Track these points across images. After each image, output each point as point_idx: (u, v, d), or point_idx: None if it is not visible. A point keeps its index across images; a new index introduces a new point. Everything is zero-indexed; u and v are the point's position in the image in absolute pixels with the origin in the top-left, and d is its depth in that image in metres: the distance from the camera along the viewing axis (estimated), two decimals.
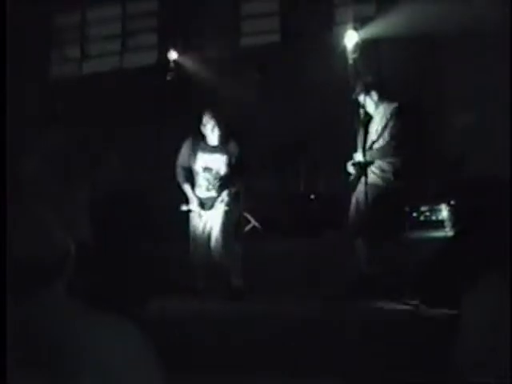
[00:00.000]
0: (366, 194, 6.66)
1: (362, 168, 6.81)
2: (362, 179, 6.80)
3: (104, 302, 2.12)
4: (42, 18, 12.17)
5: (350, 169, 7.00)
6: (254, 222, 9.17)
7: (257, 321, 5.96)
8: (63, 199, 5.75)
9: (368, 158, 6.83)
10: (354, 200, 6.97)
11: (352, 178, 6.99)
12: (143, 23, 12.26)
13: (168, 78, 9.84)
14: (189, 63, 10.36)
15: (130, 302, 5.65)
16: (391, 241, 6.78)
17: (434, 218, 8.21)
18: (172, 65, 9.98)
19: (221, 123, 7.28)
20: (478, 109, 8.80)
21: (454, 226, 7.77)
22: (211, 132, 7.30)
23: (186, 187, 7.41)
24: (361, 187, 6.85)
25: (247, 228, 9.14)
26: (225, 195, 7.29)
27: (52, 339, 1.76)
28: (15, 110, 10.87)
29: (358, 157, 6.94)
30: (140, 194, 9.28)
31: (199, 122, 7.37)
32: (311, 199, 9.41)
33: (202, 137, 7.39)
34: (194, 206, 7.34)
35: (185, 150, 7.44)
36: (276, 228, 9.15)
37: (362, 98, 7.09)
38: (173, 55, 10.07)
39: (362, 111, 7.11)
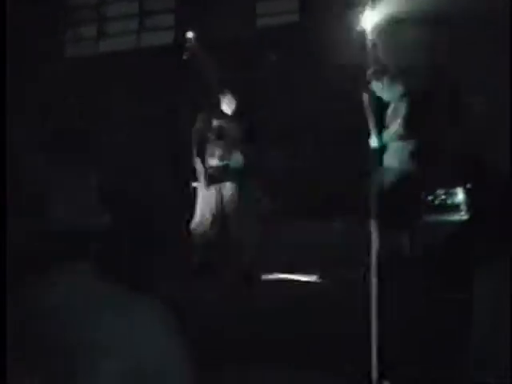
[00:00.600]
0: (381, 176, 6.65)
1: (377, 152, 6.79)
2: (377, 162, 6.78)
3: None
4: None
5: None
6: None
7: (267, 305, 5.96)
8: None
9: (383, 141, 6.80)
10: (369, 183, 6.95)
11: (367, 161, 6.96)
12: (160, 3, 12.24)
13: (184, 57, 9.82)
14: (205, 43, 10.33)
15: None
16: (406, 224, 6.76)
17: (449, 201, 8.16)
18: (189, 44, 9.95)
19: (237, 95, 7.29)
20: (494, 92, 8.72)
21: (469, 209, 7.73)
22: (228, 103, 7.32)
23: (197, 160, 7.37)
24: (376, 170, 6.82)
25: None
26: (238, 163, 7.27)
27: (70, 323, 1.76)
28: (29, 91, 10.95)
29: (373, 142, 6.91)
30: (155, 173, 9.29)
31: (216, 95, 7.39)
32: (325, 180, 9.40)
33: (217, 106, 7.40)
34: (201, 178, 7.28)
35: (200, 118, 7.43)
36: (288, 209, 9.12)
37: (374, 82, 7.06)
38: (189, 35, 10.03)
39: (374, 95, 7.08)
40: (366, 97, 7.21)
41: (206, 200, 7.34)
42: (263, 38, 10.55)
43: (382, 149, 6.77)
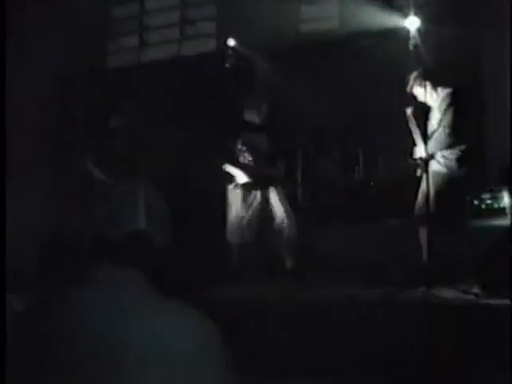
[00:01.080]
0: (428, 181, 6.61)
1: (424, 161, 6.75)
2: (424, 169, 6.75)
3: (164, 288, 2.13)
4: (100, 7, 12.28)
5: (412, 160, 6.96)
6: None
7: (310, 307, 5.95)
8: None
9: (429, 151, 6.74)
10: (421, 186, 6.92)
11: (415, 168, 6.94)
12: (202, 11, 12.29)
13: (226, 65, 9.88)
14: (247, 50, 10.36)
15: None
16: (453, 229, 6.71)
17: (495, 205, 8.07)
18: (230, 52, 10.01)
19: (271, 104, 7.28)
20: None
21: None
22: (261, 111, 7.30)
23: (238, 164, 7.34)
24: (424, 175, 6.79)
25: None
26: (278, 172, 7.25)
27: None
28: (67, 98, 11.08)
29: (420, 152, 6.87)
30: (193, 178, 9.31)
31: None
32: (371, 185, 9.38)
33: (251, 116, 7.38)
34: (242, 179, 7.24)
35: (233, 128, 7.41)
36: (336, 213, 9.11)
37: (416, 89, 7.03)
38: (231, 43, 10.09)
39: (417, 103, 7.06)
40: (409, 107, 7.20)
41: (244, 204, 7.30)
42: (306, 43, 10.53)
43: (429, 158, 6.72)
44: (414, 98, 7.12)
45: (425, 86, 6.95)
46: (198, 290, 6.23)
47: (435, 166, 6.75)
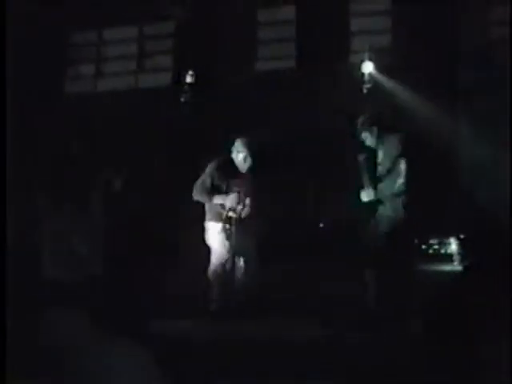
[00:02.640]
0: (375, 224, 6.66)
1: (372, 204, 6.79)
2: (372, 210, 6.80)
3: (116, 323, 2.13)
4: (59, 35, 12.25)
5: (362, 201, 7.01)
6: None
7: (257, 343, 5.97)
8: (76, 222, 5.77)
9: (378, 195, 6.80)
10: (367, 228, 6.97)
11: (361, 210, 6.99)
12: (159, 45, 12.34)
13: (182, 99, 9.93)
14: (203, 86, 10.41)
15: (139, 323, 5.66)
16: (400, 272, 6.77)
17: (442, 251, 8.21)
18: (186, 87, 10.06)
19: (252, 152, 7.37)
20: (486, 144, 8.82)
21: (462, 260, 7.78)
22: (243, 159, 7.38)
23: (217, 197, 7.40)
24: (371, 217, 6.85)
25: None
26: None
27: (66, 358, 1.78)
28: (28, 127, 11.01)
29: (368, 195, 6.93)
30: (150, 216, 9.32)
31: (226, 145, 7.44)
32: (320, 227, 9.45)
33: (230, 161, 7.45)
34: (232, 213, 7.35)
35: (211, 172, 7.44)
36: (285, 253, 9.15)
37: (363, 133, 7.07)
38: (188, 78, 10.15)
39: (365, 146, 7.12)
40: (360, 153, 7.27)
41: (223, 242, 7.37)
42: (261, 81, 10.63)
43: (377, 202, 6.77)
44: (362, 142, 7.16)
45: (371, 131, 6.95)
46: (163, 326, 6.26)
47: (382, 210, 6.79)
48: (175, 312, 6.90)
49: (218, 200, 7.36)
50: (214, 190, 7.39)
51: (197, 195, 7.41)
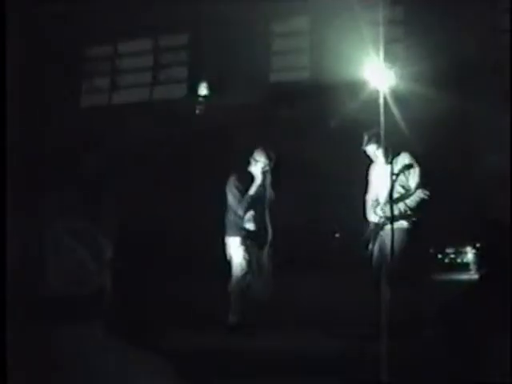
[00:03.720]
0: (392, 235, 6.64)
1: (388, 217, 6.78)
2: (388, 222, 6.78)
3: (134, 337, 2.14)
4: (75, 48, 12.33)
5: (374, 217, 7.01)
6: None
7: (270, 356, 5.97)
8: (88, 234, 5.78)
9: (394, 207, 6.78)
10: (380, 241, 6.97)
11: (378, 222, 6.98)
12: (174, 57, 12.40)
13: (197, 111, 9.98)
14: (218, 97, 10.46)
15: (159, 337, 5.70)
16: (416, 282, 6.76)
17: (459, 260, 8.19)
18: (201, 99, 10.11)
19: (270, 161, 7.39)
20: (501, 151, 8.79)
21: (479, 268, 7.75)
22: (261, 169, 7.39)
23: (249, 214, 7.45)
24: (387, 229, 6.83)
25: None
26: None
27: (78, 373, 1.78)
28: (44, 139, 11.07)
29: (381, 211, 6.93)
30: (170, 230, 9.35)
31: (243, 159, 7.47)
32: (336, 237, 9.45)
33: (249, 173, 7.48)
34: (240, 236, 7.42)
35: (235, 187, 7.47)
36: (300, 263, 9.15)
37: (369, 147, 7.05)
38: (202, 89, 10.20)
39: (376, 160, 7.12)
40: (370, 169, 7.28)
41: (243, 255, 7.40)
42: (276, 92, 10.65)
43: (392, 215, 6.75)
44: (368, 156, 7.13)
45: (379, 146, 6.89)
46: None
47: (398, 221, 6.78)
48: (194, 325, 6.93)
49: (239, 212, 7.40)
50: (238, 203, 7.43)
51: (239, 211, 7.45)
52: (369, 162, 7.25)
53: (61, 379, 1.77)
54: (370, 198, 7.18)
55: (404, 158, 6.95)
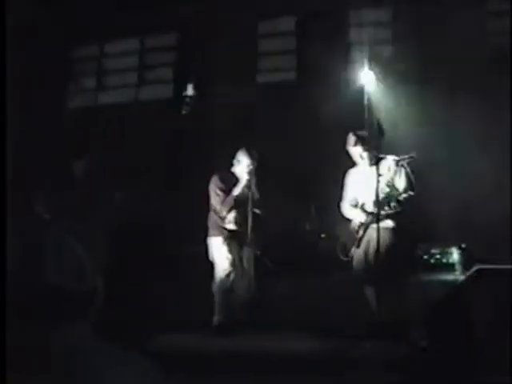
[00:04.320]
0: (377, 235, 6.66)
1: (375, 216, 6.79)
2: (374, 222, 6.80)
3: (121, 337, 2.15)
4: (60, 49, 12.27)
5: (360, 215, 7.02)
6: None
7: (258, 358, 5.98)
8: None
9: (378, 208, 6.78)
10: (365, 241, 6.99)
11: (364, 221, 7.00)
12: (160, 57, 12.37)
13: (183, 111, 9.95)
14: (204, 98, 10.43)
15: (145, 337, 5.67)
16: (402, 283, 6.78)
17: (444, 260, 8.21)
18: (188, 99, 10.08)
19: (254, 161, 7.39)
20: (486, 152, 8.83)
21: (464, 269, 7.78)
22: (245, 169, 7.38)
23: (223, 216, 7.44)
24: (372, 228, 6.85)
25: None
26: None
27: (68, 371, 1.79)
28: (31, 138, 11.02)
29: (368, 207, 6.95)
30: (152, 229, 9.29)
31: (226, 158, 7.48)
32: (321, 237, 9.44)
33: (232, 174, 7.49)
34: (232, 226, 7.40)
35: (218, 188, 7.46)
36: (286, 265, 9.12)
37: (353, 148, 7.06)
38: (189, 90, 10.16)
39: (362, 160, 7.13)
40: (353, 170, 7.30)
41: (226, 255, 7.40)
42: (262, 93, 10.64)
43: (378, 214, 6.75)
44: (350, 157, 7.14)
45: (366, 149, 6.91)
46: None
47: (383, 221, 6.79)
48: (178, 326, 6.92)
49: (222, 213, 7.41)
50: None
51: (222, 211, 7.44)
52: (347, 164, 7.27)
53: (54, 377, 1.77)
54: (348, 201, 7.22)
55: (389, 161, 6.97)
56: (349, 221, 7.22)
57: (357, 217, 7.06)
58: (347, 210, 7.22)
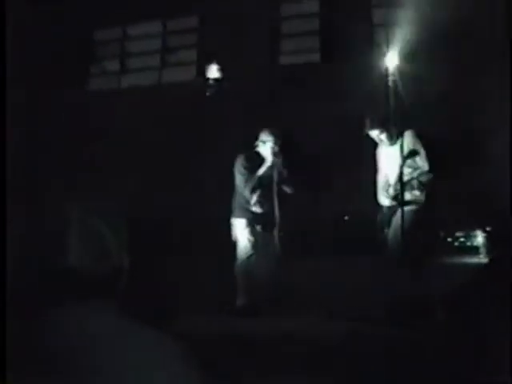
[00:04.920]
0: (401, 218, 6.63)
1: (397, 198, 6.75)
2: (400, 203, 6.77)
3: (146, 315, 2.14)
4: (84, 32, 12.31)
5: (384, 200, 6.99)
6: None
7: (284, 340, 5.98)
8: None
9: (402, 191, 6.74)
10: (394, 221, 6.95)
11: (390, 205, 6.96)
12: (183, 40, 12.36)
13: (207, 93, 9.96)
14: (228, 80, 10.43)
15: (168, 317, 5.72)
16: (426, 266, 6.75)
17: (468, 244, 8.18)
18: (211, 81, 10.09)
19: (278, 141, 7.36)
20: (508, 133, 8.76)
21: (488, 252, 7.75)
22: (270, 149, 7.35)
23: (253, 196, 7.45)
24: (397, 211, 6.82)
25: None
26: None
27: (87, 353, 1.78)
28: (48, 122, 11.10)
29: (390, 193, 6.91)
30: (176, 211, 9.36)
31: (250, 138, 7.46)
32: (345, 220, 9.44)
33: (257, 154, 7.46)
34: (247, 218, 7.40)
35: (243, 167, 7.44)
36: (309, 246, 9.13)
37: (373, 133, 7.02)
38: (212, 72, 10.17)
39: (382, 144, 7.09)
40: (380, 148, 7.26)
41: (249, 237, 7.41)
42: (285, 75, 10.62)
43: (401, 197, 6.72)
44: (372, 139, 7.10)
45: (383, 131, 6.86)
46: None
47: (408, 204, 6.76)
48: (200, 307, 6.95)
49: (245, 193, 7.40)
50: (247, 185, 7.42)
51: (245, 191, 7.43)
52: (374, 144, 7.24)
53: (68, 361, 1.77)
54: (380, 179, 7.18)
55: (409, 138, 6.92)
56: (378, 204, 7.19)
57: (384, 198, 7.03)
58: (379, 189, 7.17)
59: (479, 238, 8.20)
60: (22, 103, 10.18)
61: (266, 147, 7.39)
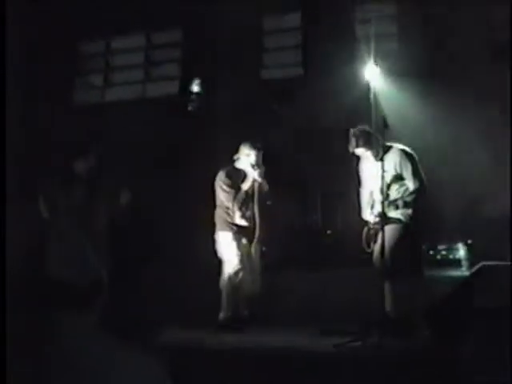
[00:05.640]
0: (383, 231, 6.65)
1: (381, 216, 6.76)
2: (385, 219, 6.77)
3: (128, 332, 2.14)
4: (68, 45, 12.27)
5: (369, 216, 7.00)
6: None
7: (266, 355, 5.98)
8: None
9: (384, 212, 6.74)
10: (378, 237, 6.94)
11: (375, 221, 6.95)
12: (166, 54, 12.35)
13: (189, 108, 9.95)
14: (210, 94, 10.42)
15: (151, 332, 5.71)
16: (408, 279, 6.76)
17: (451, 256, 8.20)
18: (194, 96, 10.08)
19: (260, 154, 7.38)
20: (490, 147, 8.82)
21: (470, 265, 7.78)
22: (253, 162, 7.36)
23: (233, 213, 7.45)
24: (382, 227, 6.81)
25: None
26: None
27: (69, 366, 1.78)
28: (35, 134, 11.04)
29: (374, 212, 6.91)
30: (158, 224, 9.33)
31: (230, 152, 7.47)
32: (327, 234, 9.43)
33: (235, 168, 7.48)
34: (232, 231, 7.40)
35: (225, 184, 7.42)
36: (290, 262, 9.08)
37: (359, 150, 7.02)
38: (195, 86, 10.16)
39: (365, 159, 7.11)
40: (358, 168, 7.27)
41: (235, 252, 7.39)
42: (268, 89, 10.63)
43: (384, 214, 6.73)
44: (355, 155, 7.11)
45: (368, 148, 6.85)
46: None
47: (391, 218, 6.77)
48: (186, 323, 6.94)
49: (234, 208, 7.40)
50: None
51: (234, 207, 7.42)
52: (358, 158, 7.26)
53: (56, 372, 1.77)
54: (365, 194, 7.20)
55: (395, 155, 6.95)
56: (361, 219, 7.19)
57: (369, 218, 7.03)
58: (364, 204, 7.18)
59: (461, 251, 8.24)
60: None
61: (247, 160, 7.40)
